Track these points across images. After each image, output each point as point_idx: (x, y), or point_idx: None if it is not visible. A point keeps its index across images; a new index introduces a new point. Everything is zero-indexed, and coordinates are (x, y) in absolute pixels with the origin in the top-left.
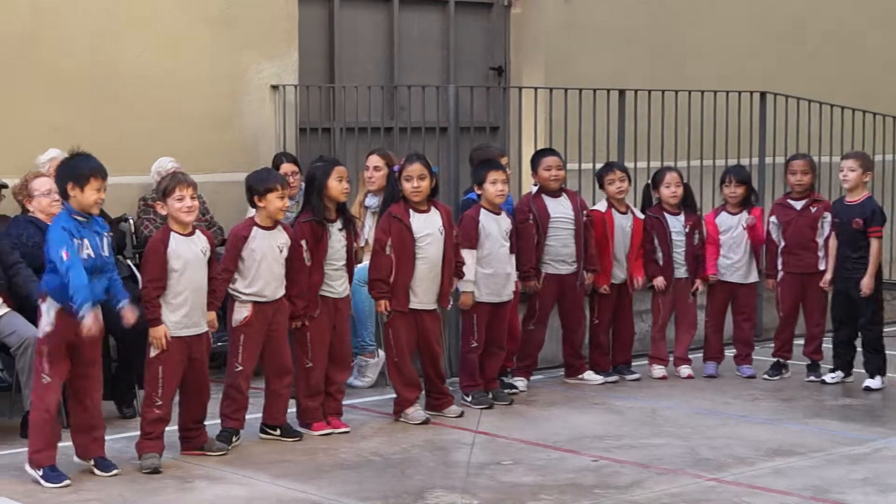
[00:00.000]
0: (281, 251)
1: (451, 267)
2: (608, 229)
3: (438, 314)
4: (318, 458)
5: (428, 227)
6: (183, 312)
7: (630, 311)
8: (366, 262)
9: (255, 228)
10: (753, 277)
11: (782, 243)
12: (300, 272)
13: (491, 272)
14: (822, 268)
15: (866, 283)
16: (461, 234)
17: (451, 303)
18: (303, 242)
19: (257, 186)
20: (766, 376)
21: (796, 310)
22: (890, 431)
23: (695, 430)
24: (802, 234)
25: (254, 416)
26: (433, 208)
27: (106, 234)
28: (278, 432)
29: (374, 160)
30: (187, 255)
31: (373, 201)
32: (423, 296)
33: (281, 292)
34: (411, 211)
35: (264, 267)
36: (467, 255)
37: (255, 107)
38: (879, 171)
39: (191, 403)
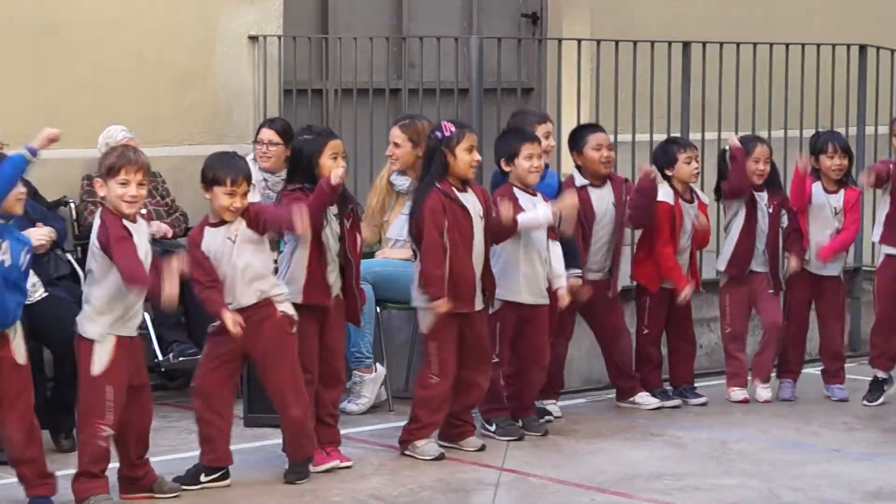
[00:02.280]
0: (233, 241)
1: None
2: (678, 224)
3: (485, 317)
4: (302, 501)
5: (471, 209)
6: (114, 316)
7: (689, 319)
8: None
9: (205, 228)
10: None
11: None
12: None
13: (528, 269)
14: None
15: None
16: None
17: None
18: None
19: (205, 173)
20: (864, 402)
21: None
22: None
23: (775, 467)
24: None
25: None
26: (468, 188)
27: (27, 248)
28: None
29: (395, 134)
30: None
31: (402, 181)
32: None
33: (258, 296)
34: (455, 190)
35: (223, 271)
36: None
37: (228, 63)
38: None
39: (133, 433)
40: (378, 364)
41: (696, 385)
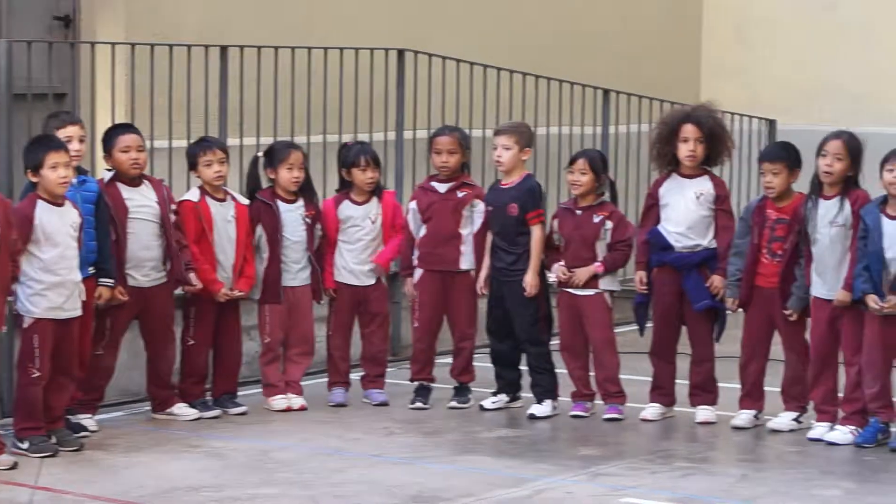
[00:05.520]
0: None
1: (9, 274)
2: (206, 223)
3: None
4: None
5: None
6: None
7: (237, 326)
8: None
9: None
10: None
11: (422, 233)
12: None
13: (58, 280)
14: (464, 266)
15: (529, 281)
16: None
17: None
18: None
19: None
20: (417, 404)
21: (439, 319)
22: (555, 468)
23: (317, 474)
24: (444, 224)
25: None
26: None
27: None
28: None
29: None
30: None
31: None
32: None
33: None
34: None
35: None
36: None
37: None
38: (554, 148)
39: None
40: None
41: (236, 394)
